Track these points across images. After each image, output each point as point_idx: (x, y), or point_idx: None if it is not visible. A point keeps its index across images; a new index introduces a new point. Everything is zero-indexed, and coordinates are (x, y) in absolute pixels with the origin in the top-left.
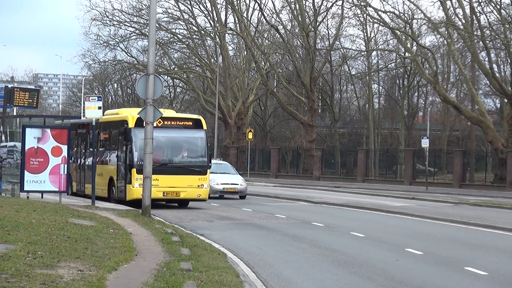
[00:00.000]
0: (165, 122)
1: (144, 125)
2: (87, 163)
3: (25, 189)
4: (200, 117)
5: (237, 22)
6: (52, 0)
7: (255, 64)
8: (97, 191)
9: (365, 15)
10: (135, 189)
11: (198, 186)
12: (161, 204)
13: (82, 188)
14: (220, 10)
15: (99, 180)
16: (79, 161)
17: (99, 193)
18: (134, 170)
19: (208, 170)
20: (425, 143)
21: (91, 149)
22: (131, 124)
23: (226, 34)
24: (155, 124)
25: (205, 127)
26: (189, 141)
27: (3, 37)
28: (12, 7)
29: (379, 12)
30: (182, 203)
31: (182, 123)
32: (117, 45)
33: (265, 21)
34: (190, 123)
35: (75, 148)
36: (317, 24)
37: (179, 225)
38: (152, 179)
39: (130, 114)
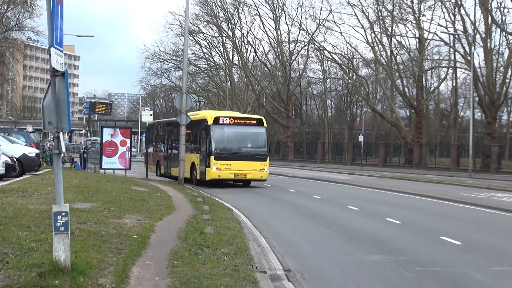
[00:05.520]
0: (235, 121)
1: (181, 126)
2: (172, 152)
3: (102, 167)
4: (262, 117)
5: (239, 59)
6: (120, 44)
7: (251, 87)
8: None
9: (322, 55)
10: (213, 172)
11: (260, 169)
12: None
13: (168, 171)
14: (229, 52)
15: (183, 164)
16: (166, 151)
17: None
18: (212, 157)
19: (268, 157)
20: (361, 138)
21: (176, 142)
22: (210, 122)
23: (233, 68)
24: (228, 122)
25: (265, 124)
26: (253, 135)
27: (89, 69)
28: (93, 48)
29: (332, 54)
30: (247, 183)
31: (248, 121)
32: (162, 74)
33: (257, 59)
34: (254, 122)
35: (164, 141)
36: (292, 61)
37: (202, 191)
38: (225, 164)
39: (209, 114)
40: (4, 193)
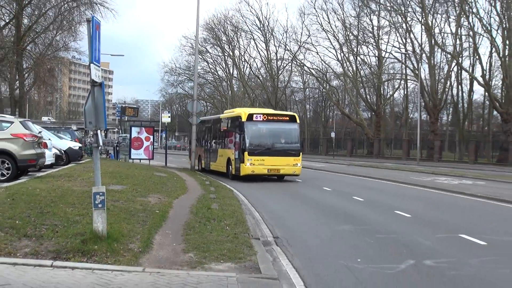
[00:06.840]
0: (269, 118)
1: (193, 125)
2: (211, 148)
3: (131, 157)
4: (295, 114)
5: (238, 73)
6: (144, 60)
7: (247, 95)
8: (218, 168)
9: (302, 70)
10: (247, 167)
11: (293, 165)
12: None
13: (208, 166)
14: (230, 67)
15: (220, 160)
16: (206, 147)
17: (220, 169)
18: (246, 153)
19: (300, 153)
20: (333, 134)
21: (215, 139)
22: (244, 118)
23: (233, 80)
24: (261, 119)
25: (298, 121)
26: (286, 131)
27: (120, 81)
28: (123, 64)
29: (310, 69)
30: (280, 177)
31: (281, 118)
32: (178, 85)
33: (252, 73)
34: (287, 118)
35: (204, 138)
36: (279, 74)
37: (209, 177)
38: (259, 160)
39: (243, 111)
40: (54, 178)
